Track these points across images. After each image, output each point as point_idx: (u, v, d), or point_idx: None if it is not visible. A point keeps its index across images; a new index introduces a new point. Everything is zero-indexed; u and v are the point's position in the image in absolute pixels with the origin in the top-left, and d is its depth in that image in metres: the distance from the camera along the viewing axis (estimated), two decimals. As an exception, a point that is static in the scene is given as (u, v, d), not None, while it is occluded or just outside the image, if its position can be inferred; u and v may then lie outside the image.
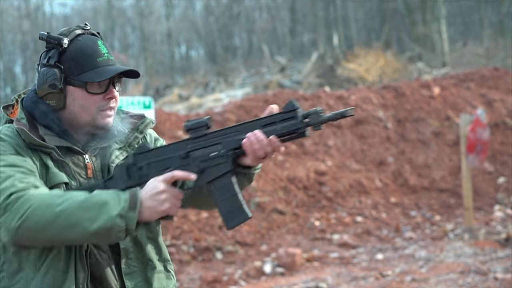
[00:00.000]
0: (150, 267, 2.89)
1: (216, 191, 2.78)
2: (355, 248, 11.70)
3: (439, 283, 9.02)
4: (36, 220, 2.51)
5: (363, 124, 15.74)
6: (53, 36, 2.78)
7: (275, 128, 2.70)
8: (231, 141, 2.76)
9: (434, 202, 14.27)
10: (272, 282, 10.12)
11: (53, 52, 2.78)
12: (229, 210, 2.77)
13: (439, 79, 18.22)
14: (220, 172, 2.76)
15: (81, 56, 2.80)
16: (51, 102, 2.79)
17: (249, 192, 13.19)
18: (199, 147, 2.79)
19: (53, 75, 2.76)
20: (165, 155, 2.82)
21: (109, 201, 2.58)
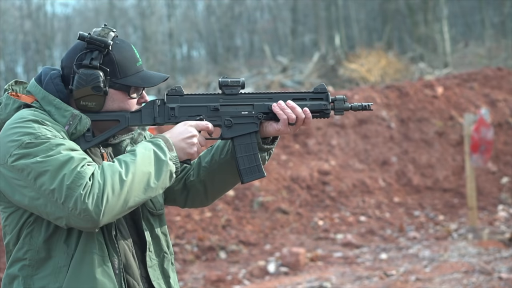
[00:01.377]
0: (166, 260, 2.97)
1: (238, 146, 3.00)
2: (359, 248, 11.69)
3: (443, 282, 9.01)
4: (114, 195, 2.54)
5: (367, 124, 15.74)
6: (97, 37, 2.76)
7: (306, 104, 3.02)
8: (262, 105, 3.01)
9: (437, 202, 14.26)
10: (276, 281, 10.11)
11: (96, 53, 2.77)
12: (247, 166, 3.02)
13: (442, 79, 18.21)
14: (246, 131, 3.00)
15: (124, 60, 2.83)
16: (89, 103, 2.77)
17: (252, 192, 13.19)
18: (230, 104, 2.99)
19: (97, 77, 2.75)
20: (197, 103, 2.97)
21: (156, 150, 2.69)
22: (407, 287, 9.06)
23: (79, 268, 2.64)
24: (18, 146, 2.53)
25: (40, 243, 2.64)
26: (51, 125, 2.63)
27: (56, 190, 2.48)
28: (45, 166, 2.50)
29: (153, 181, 2.65)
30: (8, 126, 2.61)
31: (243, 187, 13.17)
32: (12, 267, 2.68)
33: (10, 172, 2.54)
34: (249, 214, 12.80)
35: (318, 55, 32.92)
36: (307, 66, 32.54)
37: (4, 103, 2.76)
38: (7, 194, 2.60)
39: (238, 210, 12.86)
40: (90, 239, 2.67)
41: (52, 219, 2.55)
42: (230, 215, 12.62)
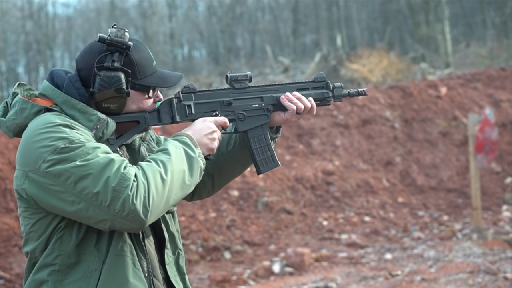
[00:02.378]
0: (180, 257, 2.99)
1: (252, 139, 3.12)
2: (364, 248, 11.69)
3: (449, 283, 9.01)
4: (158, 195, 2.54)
5: (371, 124, 15.74)
6: (117, 39, 2.75)
7: (310, 93, 3.19)
8: (271, 97, 3.13)
9: (441, 202, 14.25)
10: (281, 281, 10.11)
11: (117, 55, 2.76)
12: (262, 157, 3.14)
13: (446, 79, 18.21)
14: (258, 123, 3.12)
15: (142, 60, 2.83)
16: (111, 106, 2.77)
17: (257, 192, 13.19)
18: (241, 97, 3.10)
19: (120, 79, 2.74)
20: (211, 99, 3.04)
21: (185, 148, 2.72)
22: (412, 287, 9.06)
23: (112, 271, 2.64)
24: (53, 152, 2.50)
25: (71, 248, 2.63)
26: (81, 129, 2.61)
27: (101, 193, 2.47)
28: (86, 170, 2.48)
29: (187, 178, 2.67)
30: (34, 131, 2.57)
31: (247, 188, 13.17)
32: (39, 273, 2.66)
33: (43, 178, 2.51)
34: (253, 214, 12.80)
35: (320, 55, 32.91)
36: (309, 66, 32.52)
37: (19, 107, 2.70)
38: (40, 200, 2.57)
39: (243, 210, 12.86)
40: (122, 242, 2.68)
41: (93, 222, 2.54)
42: (234, 215, 12.62)
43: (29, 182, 2.56)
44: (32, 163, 2.53)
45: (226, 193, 12.94)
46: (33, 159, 2.53)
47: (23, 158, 2.57)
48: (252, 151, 3.12)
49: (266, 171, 3.17)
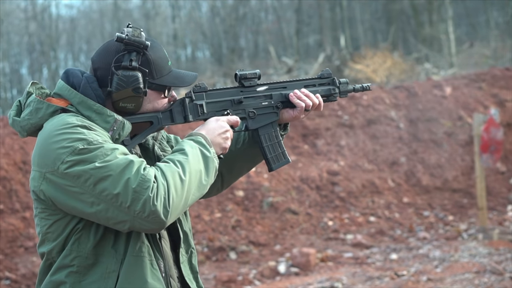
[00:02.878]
0: (193, 255, 3.00)
1: (262, 136, 3.14)
2: (369, 248, 11.69)
3: (455, 283, 9.01)
4: (177, 195, 2.55)
5: (376, 124, 15.73)
6: (135, 38, 2.75)
7: (317, 89, 3.23)
8: (280, 95, 3.17)
9: (447, 202, 14.24)
10: (287, 282, 10.11)
11: (134, 55, 2.75)
12: (273, 154, 3.17)
13: (451, 79, 18.19)
14: (269, 121, 3.15)
15: (158, 59, 2.84)
16: (128, 105, 2.77)
17: (262, 192, 13.20)
18: (251, 96, 3.10)
19: (138, 79, 2.74)
20: (221, 98, 3.05)
21: (201, 148, 2.73)
22: (418, 287, 9.06)
23: (130, 272, 2.65)
24: (71, 153, 2.50)
25: (89, 249, 2.63)
26: (98, 131, 2.61)
27: (121, 194, 2.47)
28: (105, 171, 2.49)
29: (204, 178, 2.68)
30: (52, 132, 2.57)
31: (252, 188, 13.17)
32: (57, 274, 2.66)
33: (61, 179, 2.51)
34: (258, 214, 12.80)
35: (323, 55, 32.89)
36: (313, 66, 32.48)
37: (34, 107, 2.69)
38: (58, 202, 2.57)
39: (248, 210, 12.86)
40: (140, 243, 2.68)
41: (112, 223, 2.54)
42: (240, 215, 12.63)
43: (47, 183, 2.56)
44: (50, 164, 2.53)
45: (231, 193, 12.95)
46: (51, 160, 2.53)
47: (41, 159, 2.57)
48: (263, 148, 3.15)
49: (278, 167, 3.19)
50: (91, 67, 2.83)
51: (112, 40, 2.81)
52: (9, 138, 12.82)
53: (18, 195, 11.91)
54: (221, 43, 46.50)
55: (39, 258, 10.77)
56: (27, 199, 11.88)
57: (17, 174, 12.26)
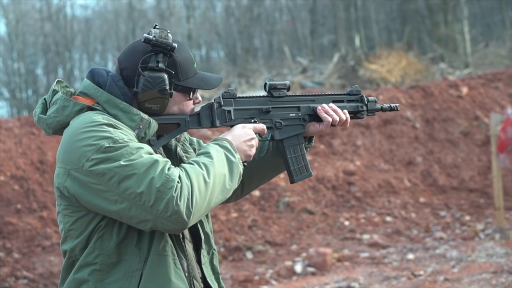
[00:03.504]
0: (214, 256, 3.00)
1: (287, 148, 3.13)
2: (386, 248, 11.66)
3: (472, 283, 8.98)
4: (201, 197, 2.55)
5: (391, 124, 15.71)
6: (162, 40, 2.76)
7: (345, 105, 3.23)
8: (307, 107, 3.16)
9: (463, 202, 14.20)
10: (304, 281, 10.11)
11: (161, 56, 2.76)
12: (296, 166, 3.15)
13: (467, 79, 18.15)
14: (295, 132, 3.14)
15: (185, 61, 2.85)
16: (154, 106, 2.78)
17: (278, 192, 13.20)
18: (279, 106, 3.10)
19: (164, 80, 2.75)
20: (250, 106, 3.06)
21: (226, 153, 2.73)
22: (435, 287, 9.04)
23: (154, 271, 2.65)
24: (97, 151, 2.51)
25: (112, 247, 2.64)
26: (124, 129, 2.62)
27: (145, 193, 2.48)
28: (130, 170, 2.49)
29: (228, 183, 2.68)
30: (78, 129, 2.58)
31: (268, 188, 13.18)
32: (80, 272, 2.67)
33: (86, 177, 2.52)
34: (275, 214, 12.81)
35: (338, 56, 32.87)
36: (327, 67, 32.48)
37: (61, 105, 2.70)
38: (82, 199, 2.58)
39: (264, 210, 12.87)
40: (164, 242, 2.69)
41: (135, 222, 2.55)
42: (256, 215, 12.64)
43: (72, 180, 2.57)
44: (75, 162, 2.54)
45: (247, 193, 12.95)
46: (76, 158, 2.54)
47: (66, 156, 2.58)
48: (287, 160, 3.14)
49: (299, 180, 3.19)
50: (117, 67, 2.85)
51: (139, 40, 2.83)
52: (26, 138, 12.88)
53: (35, 195, 11.96)
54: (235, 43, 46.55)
55: (56, 258, 10.82)
56: (44, 199, 11.93)
57: (34, 174, 12.32)
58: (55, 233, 11.48)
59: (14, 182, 12.10)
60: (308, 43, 42.58)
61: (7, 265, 10.66)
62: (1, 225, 11.39)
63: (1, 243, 11.13)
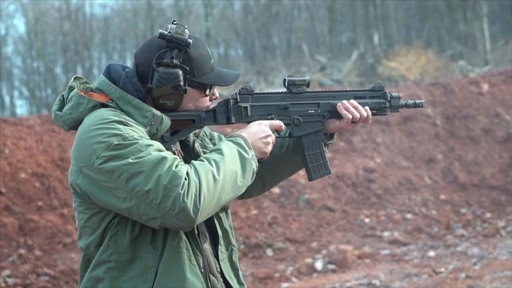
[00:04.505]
0: (234, 252, 2.98)
1: (305, 144, 3.08)
2: (406, 245, 11.64)
3: (494, 280, 8.94)
4: (209, 194, 2.54)
5: (412, 121, 15.67)
6: (177, 36, 2.74)
7: (367, 102, 3.16)
8: (327, 104, 3.10)
9: (484, 200, 14.13)
10: (324, 278, 10.10)
11: (176, 52, 2.75)
12: (314, 164, 3.10)
13: (487, 76, 18.07)
14: (314, 129, 3.09)
15: (201, 57, 2.82)
16: (168, 102, 2.76)
17: (298, 189, 13.20)
18: (297, 102, 3.05)
19: (178, 76, 2.73)
20: (267, 102, 3.02)
21: (239, 149, 2.71)
22: (457, 284, 9.00)
23: (169, 268, 2.65)
24: (106, 148, 2.51)
25: (126, 245, 2.64)
26: (135, 126, 2.61)
27: (152, 191, 2.47)
28: (138, 167, 2.48)
29: (239, 180, 2.66)
30: (89, 127, 2.58)
31: (288, 185, 13.18)
32: (95, 270, 2.67)
33: (96, 174, 2.52)
34: (295, 211, 12.80)
35: (357, 53, 32.82)
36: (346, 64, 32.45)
37: (75, 102, 2.71)
38: (93, 196, 2.58)
39: (284, 207, 12.86)
40: (178, 239, 2.68)
41: (144, 220, 2.54)
42: (276, 212, 12.63)
43: (83, 178, 2.57)
44: (86, 159, 2.54)
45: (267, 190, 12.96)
46: (87, 155, 2.54)
47: (78, 153, 2.59)
48: (305, 157, 3.10)
49: (317, 178, 3.14)
50: (134, 62, 2.83)
51: (155, 36, 2.81)
52: (47, 136, 12.94)
53: (56, 192, 12.00)
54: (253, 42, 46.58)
55: (77, 255, 10.86)
56: (65, 196, 11.97)
57: (55, 171, 12.37)
58: (76, 230, 11.53)
59: (35, 180, 12.15)
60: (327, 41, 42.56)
61: (28, 262, 10.70)
62: (23, 222, 11.45)
63: (22, 240, 11.18)
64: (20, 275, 10.43)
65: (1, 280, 10.27)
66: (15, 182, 12.02)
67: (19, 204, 11.72)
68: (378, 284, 9.45)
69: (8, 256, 10.86)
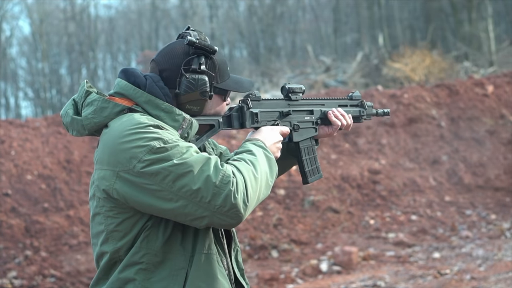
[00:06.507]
0: (238, 253, 3.03)
1: (302, 149, 3.24)
2: (411, 247, 11.65)
3: (499, 281, 8.95)
4: (253, 191, 2.61)
5: (417, 123, 15.68)
6: (205, 43, 2.81)
7: (349, 110, 3.42)
8: (319, 111, 3.30)
9: (489, 201, 14.13)
10: (329, 280, 10.12)
11: (203, 59, 2.80)
12: (310, 168, 3.27)
13: (492, 77, 18.06)
14: (309, 135, 3.27)
15: (223, 64, 2.90)
16: (194, 108, 2.82)
17: (303, 191, 13.21)
18: (296, 109, 3.23)
19: (205, 83, 2.79)
20: (272, 108, 3.14)
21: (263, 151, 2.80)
22: (462, 286, 9.01)
23: (201, 269, 2.69)
24: (148, 152, 2.53)
25: (158, 247, 2.67)
26: (170, 130, 2.65)
27: (202, 190, 2.51)
28: (185, 168, 2.52)
29: (270, 179, 2.74)
30: (124, 131, 2.59)
31: (293, 186, 13.20)
32: (125, 271, 2.69)
33: (138, 178, 2.54)
34: (300, 213, 12.82)
35: (362, 54, 32.80)
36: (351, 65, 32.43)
37: (99, 106, 2.71)
38: (133, 200, 2.59)
39: (289, 209, 12.88)
40: (208, 241, 2.73)
41: (190, 219, 2.57)
42: (281, 214, 12.65)
43: (121, 182, 2.58)
44: (125, 163, 2.56)
45: (272, 192, 12.98)
46: (126, 159, 2.55)
47: (113, 158, 2.59)
48: (302, 161, 3.25)
49: (312, 181, 3.31)
50: (155, 68, 2.86)
51: (177, 42, 2.86)
52: (53, 137, 12.97)
53: (62, 194, 12.04)
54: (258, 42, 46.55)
55: (83, 256, 10.88)
56: (71, 198, 12.01)
57: (61, 173, 12.40)
58: (82, 232, 11.56)
59: (41, 181, 12.19)
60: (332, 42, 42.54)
61: (34, 264, 10.74)
62: (29, 224, 11.49)
63: (28, 241, 11.22)
64: (27, 276, 10.48)
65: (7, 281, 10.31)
66: (21, 183, 12.07)
67: (25, 206, 11.76)
68: (383, 285, 9.46)
69: (14, 257, 10.90)
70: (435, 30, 38.22)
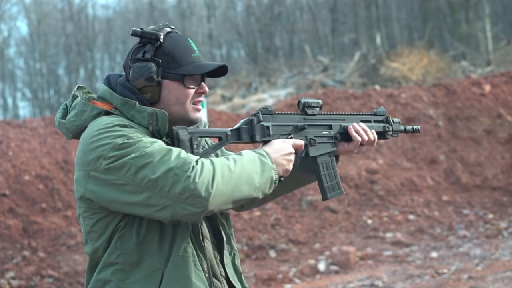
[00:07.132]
0: (236, 257, 3.01)
1: (320, 164, 3.13)
2: (409, 246, 11.66)
3: (496, 281, 8.96)
4: (223, 182, 2.57)
5: (414, 122, 15.69)
6: (148, 31, 2.83)
7: (373, 125, 3.29)
8: (338, 126, 3.19)
9: (487, 200, 14.14)
10: (327, 280, 10.13)
11: (148, 47, 2.82)
12: (329, 183, 3.15)
13: (490, 77, 18.07)
14: (327, 150, 3.15)
15: (177, 50, 2.85)
16: (147, 96, 2.80)
17: (301, 191, 13.23)
18: (313, 124, 3.15)
19: (150, 68, 2.78)
20: (287, 122, 3.08)
21: (259, 156, 2.76)
22: (459, 285, 9.02)
23: (176, 272, 2.68)
24: (112, 149, 2.56)
25: (133, 247, 2.67)
26: (138, 128, 2.67)
27: (161, 178, 2.51)
28: (144, 159, 2.53)
29: (257, 181, 2.68)
30: (93, 132, 2.63)
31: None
32: (102, 272, 2.70)
33: (105, 175, 2.57)
34: (298, 213, 12.83)
35: (359, 54, 32.83)
36: (348, 65, 32.47)
37: (79, 110, 2.77)
38: (104, 198, 2.61)
39: (287, 209, 12.89)
40: (185, 244, 2.71)
41: (154, 211, 2.56)
42: (279, 214, 12.66)
43: (93, 181, 2.61)
44: (93, 163, 2.59)
45: (270, 192, 12.98)
46: (94, 158, 2.59)
47: (84, 159, 2.63)
48: (320, 177, 3.14)
49: (332, 197, 3.20)
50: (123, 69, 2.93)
51: None
52: (51, 138, 12.98)
53: (60, 194, 12.04)
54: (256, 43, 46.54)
55: (81, 256, 10.90)
56: (68, 198, 12.01)
57: (59, 173, 12.41)
58: (80, 232, 11.56)
59: (39, 182, 12.19)
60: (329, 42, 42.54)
61: (32, 264, 10.75)
62: (26, 224, 11.49)
63: (26, 242, 11.22)
64: (24, 277, 10.48)
65: (5, 282, 10.31)
66: (19, 184, 12.07)
67: (23, 206, 11.77)
68: (381, 285, 9.48)
69: (12, 258, 10.90)
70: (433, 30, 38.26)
